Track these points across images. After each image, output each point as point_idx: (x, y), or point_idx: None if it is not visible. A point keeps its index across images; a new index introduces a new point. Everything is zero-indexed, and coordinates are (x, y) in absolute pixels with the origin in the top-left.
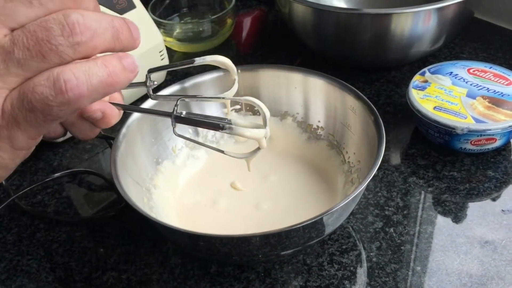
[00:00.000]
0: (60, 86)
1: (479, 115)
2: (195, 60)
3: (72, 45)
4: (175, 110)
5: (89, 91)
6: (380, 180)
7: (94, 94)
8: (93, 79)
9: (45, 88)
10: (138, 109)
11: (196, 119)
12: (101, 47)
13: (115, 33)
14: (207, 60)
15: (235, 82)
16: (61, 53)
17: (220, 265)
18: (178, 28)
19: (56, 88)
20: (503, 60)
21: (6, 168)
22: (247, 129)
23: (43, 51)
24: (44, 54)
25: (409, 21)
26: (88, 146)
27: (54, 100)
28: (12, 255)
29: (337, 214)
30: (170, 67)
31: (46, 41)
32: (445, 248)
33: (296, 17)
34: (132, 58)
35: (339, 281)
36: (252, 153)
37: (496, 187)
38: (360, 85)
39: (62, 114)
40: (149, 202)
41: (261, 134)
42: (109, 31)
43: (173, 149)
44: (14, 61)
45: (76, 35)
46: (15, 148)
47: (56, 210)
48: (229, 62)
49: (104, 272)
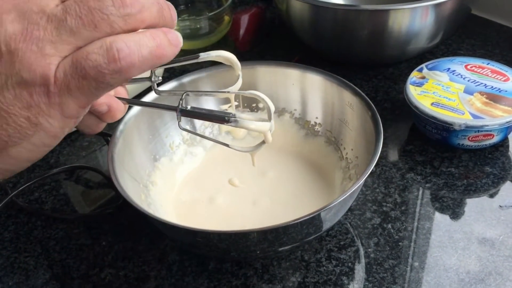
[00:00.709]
0: (114, 54)
1: (477, 111)
2: (200, 55)
3: (123, 16)
4: (181, 104)
5: (140, 61)
6: (378, 176)
7: (144, 65)
8: (143, 49)
9: (98, 56)
10: (143, 103)
11: (201, 112)
12: (148, 20)
13: (160, 9)
14: (212, 55)
15: (239, 77)
16: (112, 23)
17: (218, 261)
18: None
19: (109, 56)
20: (501, 56)
21: (55, 137)
22: (252, 122)
23: (95, 20)
24: (96, 23)
25: (407, 17)
26: (85, 143)
27: (107, 68)
28: (9, 253)
29: (334, 210)
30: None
31: (98, 11)
32: (443, 244)
33: (294, 14)
34: (177, 34)
35: (337, 277)
36: (257, 147)
37: (494, 183)
38: (358, 82)
39: (113, 82)
40: (147, 199)
41: (266, 127)
42: (155, 6)
43: (171, 146)
44: (67, 29)
45: (127, 7)
46: (65, 116)
47: (53, 207)
48: (234, 58)
49: (102, 269)
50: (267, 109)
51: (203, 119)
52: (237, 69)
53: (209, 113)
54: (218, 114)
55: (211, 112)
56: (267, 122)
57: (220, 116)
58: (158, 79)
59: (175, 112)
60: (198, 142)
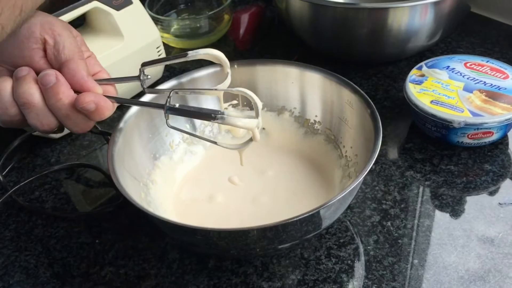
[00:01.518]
0: None
1: (476, 109)
2: (188, 53)
3: None
4: (168, 102)
5: None
6: (377, 174)
7: None
8: None
9: None
10: (131, 102)
11: (188, 110)
12: None
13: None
14: (200, 53)
15: (228, 75)
16: None
17: (218, 259)
18: (176, 24)
19: None
20: (500, 54)
21: None
22: (239, 119)
23: None
24: None
25: (406, 15)
26: (85, 142)
27: None
28: (10, 251)
29: (334, 207)
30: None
31: None
32: (442, 241)
33: (293, 13)
34: None
35: (336, 274)
36: (244, 144)
37: (493, 181)
38: (358, 80)
39: None
40: (147, 197)
41: (253, 124)
42: None
43: (171, 145)
44: None
45: None
46: None
47: (54, 206)
48: (222, 56)
49: (102, 267)
50: (254, 106)
51: (190, 117)
52: (226, 67)
53: (196, 110)
54: (205, 111)
55: (198, 110)
56: (255, 119)
57: (207, 114)
58: (147, 78)
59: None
60: (198, 141)
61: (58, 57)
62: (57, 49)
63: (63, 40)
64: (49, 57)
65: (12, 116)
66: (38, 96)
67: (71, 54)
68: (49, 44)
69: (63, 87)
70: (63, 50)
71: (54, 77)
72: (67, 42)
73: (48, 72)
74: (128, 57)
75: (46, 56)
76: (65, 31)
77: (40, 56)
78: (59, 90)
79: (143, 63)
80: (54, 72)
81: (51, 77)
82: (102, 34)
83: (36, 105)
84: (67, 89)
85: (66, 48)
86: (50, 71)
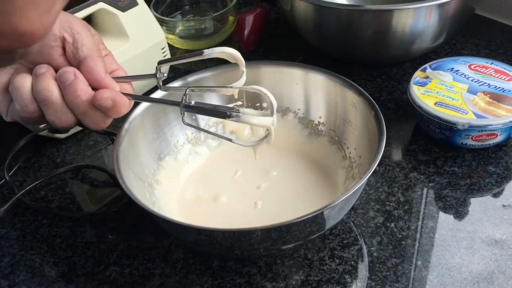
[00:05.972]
0: None
1: (480, 111)
2: (204, 51)
3: None
4: (184, 99)
5: None
6: (381, 176)
7: None
8: None
9: None
10: (148, 99)
11: (204, 108)
12: None
13: None
14: (216, 51)
15: (243, 74)
16: None
17: (222, 259)
18: (181, 25)
19: None
20: (505, 56)
21: None
22: (255, 117)
23: None
24: None
25: (411, 17)
26: (91, 143)
27: None
28: (15, 250)
29: (337, 208)
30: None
31: None
32: (446, 243)
33: (298, 14)
34: None
35: (340, 275)
36: (259, 141)
37: (497, 183)
38: (362, 82)
39: None
40: (152, 198)
41: (268, 121)
42: None
43: (175, 145)
44: None
45: None
46: None
47: (59, 206)
48: (238, 54)
49: (107, 266)
50: (270, 104)
51: (206, 114)
52: (241, 65)
53: (212, 108)
54: (221, 109)
55: (214, 107)
56: (269, 117)
57: (223, 111)
58: (163, 76)
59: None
60: (203, 142)
61: (77, 54)
62: (76, 47)
63: (81, 38)
64: (67, 55)
65: (31, 113)
66: (57, 93)
67: (89, 52)
68: (68, 42)
69: (81, 84)
70: (82, 48)
71: (72, 75)
72: (86, 40)
73: (67, 69)
74: (133, 58)
75: (64, 54)
76: (84, 29)
77: (59, 54)
78: (77, 87)
79: (160, 61)
80: (73, 69)
81: (70, 74)
82: (108, 35)
83: (54, 101)
84: (85, 86)
85: (85, 46)
86: (68, 68)
